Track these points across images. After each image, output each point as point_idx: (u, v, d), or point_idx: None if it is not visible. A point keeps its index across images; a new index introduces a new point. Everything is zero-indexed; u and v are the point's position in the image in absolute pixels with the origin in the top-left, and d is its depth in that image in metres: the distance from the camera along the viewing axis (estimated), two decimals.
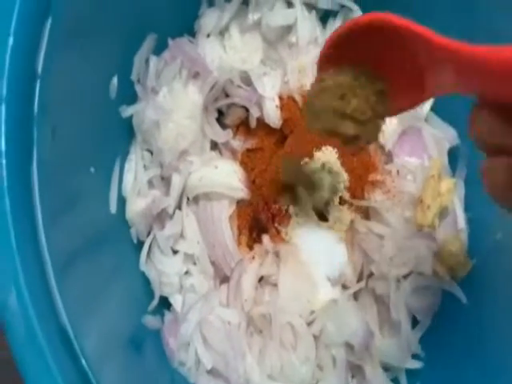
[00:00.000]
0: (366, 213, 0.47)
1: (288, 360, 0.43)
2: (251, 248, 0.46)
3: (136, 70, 0.46)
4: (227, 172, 0.46)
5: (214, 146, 0.50)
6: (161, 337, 0.45)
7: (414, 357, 0.46)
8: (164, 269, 0.46)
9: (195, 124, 0.46)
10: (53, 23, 0.31)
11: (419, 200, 0.45)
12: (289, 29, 0.49)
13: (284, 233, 0.46)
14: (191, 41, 0.48)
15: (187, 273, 0.47)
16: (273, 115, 0.47)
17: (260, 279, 0.45)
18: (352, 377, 0.46)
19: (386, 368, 0.46)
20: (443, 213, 0.46)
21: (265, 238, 0.46)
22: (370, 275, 0.46)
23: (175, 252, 0.47)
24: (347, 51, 0.31)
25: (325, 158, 0.47)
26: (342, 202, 0.47)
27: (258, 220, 0.47)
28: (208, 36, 0.49)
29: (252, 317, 0.44)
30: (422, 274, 0.44)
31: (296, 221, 0.46)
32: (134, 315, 0.44)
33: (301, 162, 0.47)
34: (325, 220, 0.46)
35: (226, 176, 0.46)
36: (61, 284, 0.30)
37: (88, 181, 0.41)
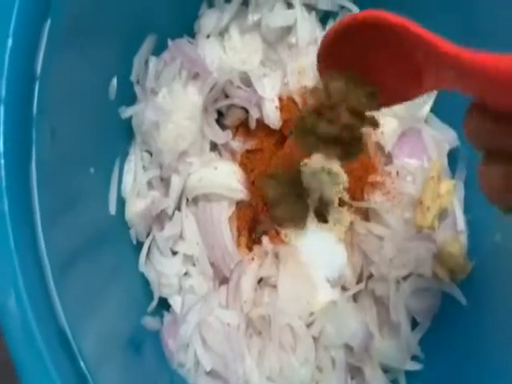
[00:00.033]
0: (366, 214, 0.47)
1: (287, 362, 0.43)
2: (250, 249, 0.46)
3: (135, 71, 0.46)
4: (227, 173, 0.46)
5: (214, 147, 0.50)
6: (160, 338, 0.45)
7: (414, 358, 0.46)
8: (163, 270, 0.46)
9: (195, 125, 0.46)
10: (52, 24, 0.31)
11: (419, 201, 0.45)
12: (288, 30, 0.49)
13: (283, 234, 0.46)
14: (191, 42, 0.48)
15: (186, 274, 0.47)
16: (272, 116, 0.47)
17: (259, 280, 0.45)
18: (351, 378, 0.46)
19: (386, 370, 0.45)
20: (443, 214, 0.46)
21: (264, 239, 0.46)
22: (370, 277, 0.46)
23: (174, 253, 0.47)
24: (343, 48, 0.31)
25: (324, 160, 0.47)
26: (342, 204, 0.47)
27: (258, 221, 0.47)
28: (208, 37, 0.49)
29: (251, 318, 0.44)
30: (422, 276, 0.44)
31: None
32: (133, 316, 0.44)
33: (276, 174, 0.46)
34: (324, 221, 0.46)
35: (226, 177, 0.46)
36: (60, 286, 0.30)
37: (87, 182, 0.41)
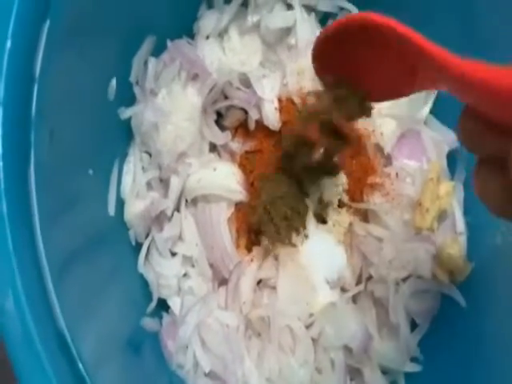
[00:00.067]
0: (365, 215, 0.47)
1: (286, 363, 0.43)
2: (250, 250, 0.46)
3: (135, 72, 0.46)
4: (226, 174, 0.46)
5: (213, 148, 0.50)
6: (159, 339, 0.45)
7: (413, 360, 0.46)
8: (162, 271, 0.46)
9: (194, 126, 0.46)
10: (51, 25, 0.31)
11: (418, 203, 0.45)
12: (288, 31, 0.49)
13: (283, 236, 0.46)
14: (190, 43, 0.48)
15: (185, 275, 0.47)
16: (272, 117, 0.47)
17: (259, 282, 0.45)
18: (351, 380, 0.45)
19: (385, 371, 0.46)
20: (442, 216, 0.46)
21: (264, 241, 0.46)
22: (369, 278, 0.46)
23: (173, 254, 0.47)
24: (336, 48, 0.32)
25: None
26: (341, 205, 0.47)
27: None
28: (207, 38, 0.49)
29: (250, 320, 0.44)
30: (421, 278, 0.44)
31: None
32: (132, 318, 0.44)
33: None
34: (324, 223, 0.46)
35: (225, 178, 0.46)
36: (58, 287, 0.30)
37: (86, 183, 0.41)
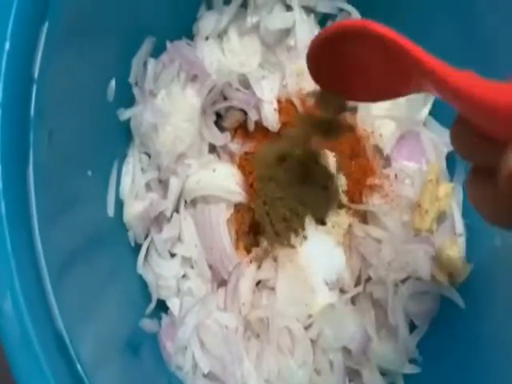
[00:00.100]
0: (364, 217, 0.47)
1: (285, 364, 0.43)
2: (249, 252, 0.46)
3: (134, 73, 0.46)
4: (225, 175, 0.46)
5: (212, 149, 0.50)
6: (158, 340, 0.45)
7: (412, 361, 0.46)
8: (161, 272, 0.46)
9: (193, 127, 0.46)
10: (50, 27, 0.31)
11: (417, 204, 0.45)
12: (287, 32, 0.49)
13: (282, 236, 0.46)
14: (189, 44, 0.48)
15: (185, 276, 0.47)
16: (271, 118, 0.47)
17: (258, 283, 0.45)
18: (349, 381, 0.45)
19: (384, 373, 0.45)
20: (441, 217, 0.46)
21: (263, 242, 0.46)
22: (368, 279, 0.45)
23: (173, 255, 0.47)
24: (331, 52, 0.32)
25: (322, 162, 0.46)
26: (340, 206, 0.47)
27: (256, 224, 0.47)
28: (206, 39, 0.49)
29: (249, 321, 0.44)
30: (420, 279, 0.44)
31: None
32: (131, 319, 0.44)
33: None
34: (323, 224, 0.46)
35: (224, 179, 0.46)
36: (57, 289, 0.30)
37: (85, 184, 0.41)
